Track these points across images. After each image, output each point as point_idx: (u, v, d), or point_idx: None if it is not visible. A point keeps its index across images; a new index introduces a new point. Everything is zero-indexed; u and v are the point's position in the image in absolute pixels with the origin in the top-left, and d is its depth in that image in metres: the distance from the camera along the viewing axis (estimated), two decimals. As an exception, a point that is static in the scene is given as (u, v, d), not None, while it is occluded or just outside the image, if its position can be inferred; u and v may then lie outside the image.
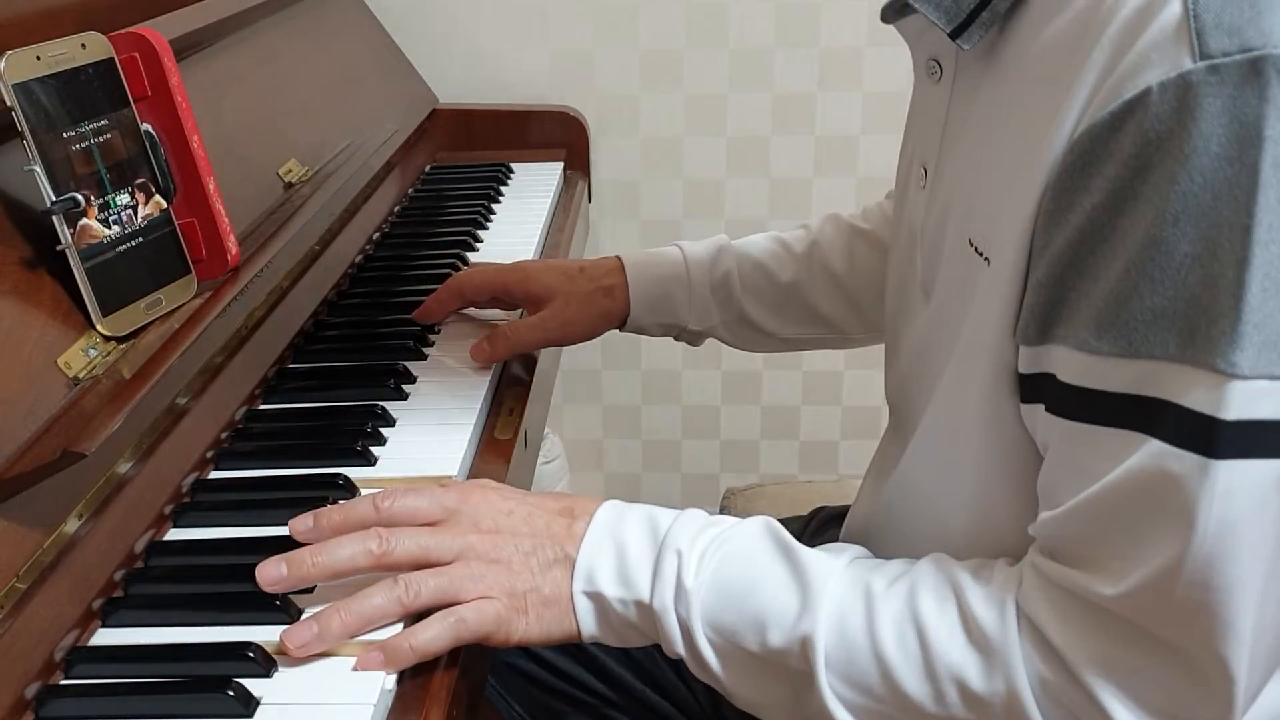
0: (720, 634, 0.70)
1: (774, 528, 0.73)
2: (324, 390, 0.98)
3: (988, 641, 0.65)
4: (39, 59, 0.76)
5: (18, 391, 0.70)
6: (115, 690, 0.66)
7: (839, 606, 0.68)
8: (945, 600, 0.67)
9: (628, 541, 0.72)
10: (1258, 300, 0.56)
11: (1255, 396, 0.56)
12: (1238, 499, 0.57)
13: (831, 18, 1.71)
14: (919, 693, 0.66)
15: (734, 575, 0.70)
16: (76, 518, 0.72)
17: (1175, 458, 0.58)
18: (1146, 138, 0.57)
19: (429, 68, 1.66)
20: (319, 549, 0.70)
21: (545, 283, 1.06)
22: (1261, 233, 0.55)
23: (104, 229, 0.79)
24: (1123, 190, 0.59)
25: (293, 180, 1.10)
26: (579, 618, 0.72)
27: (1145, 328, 0.58)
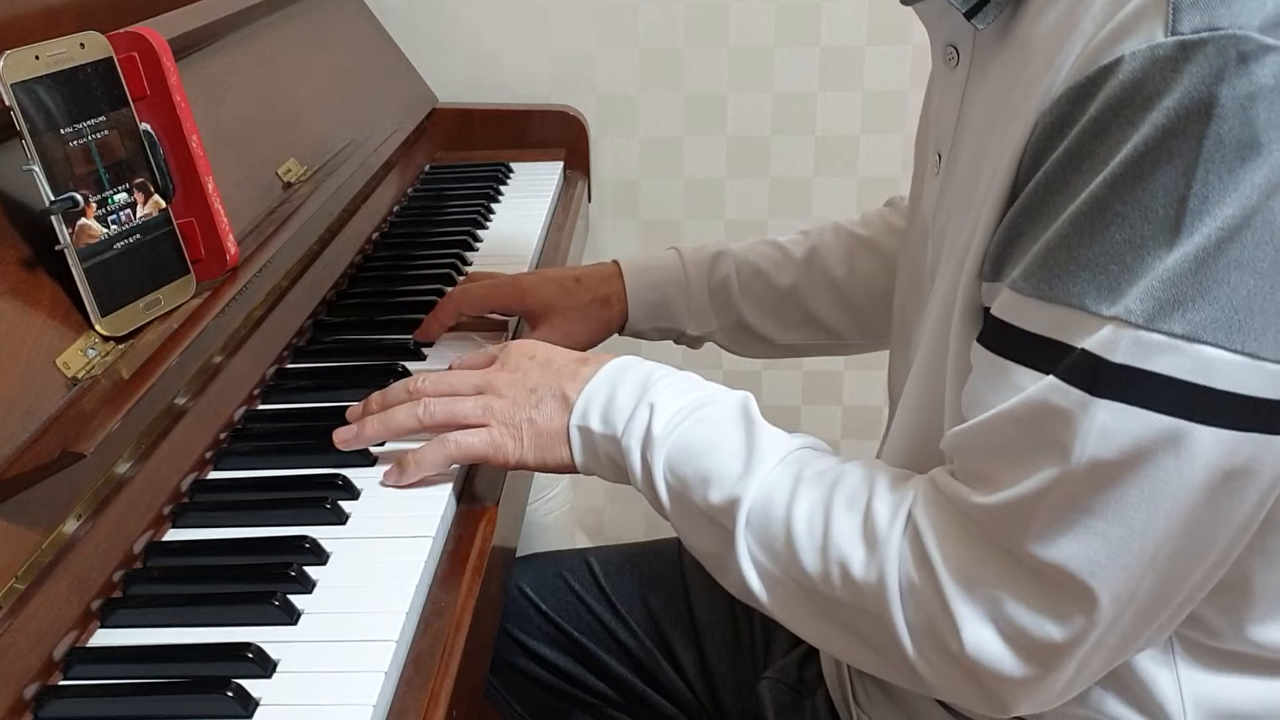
0: (677, 480, 0.77)
1: (748, 404, 0.79)
2: (323, 390, 0.98)
3: (875, 535, 0.69)
4: (38, 58, 0.76)
5: (16, 391, 0.70)
6: (114, 691, 0.66)
7: (770, 479, 0.74)
8: (857, 498, 0.72)
9: (619, 388, 0.80)
10: (1175, 262, 0.58)
11: (1147, 348, 0.59)
12: (1114, 440, 0.60)
13: (831, 18, 1.71)
14: (812, 569, 0.71)
15: (699, 435, 0.77)
16: (75, 518, 0.72)
17: (1061, 391, 0.61)
18: (1109, 102, 0.60)
19: (429, 67, 1.66)
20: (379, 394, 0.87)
21: (543, 298, 1.07)
22: (1194, 203, 0.58)
23: (103, 229, 0.79)
24: (1080, 148, 0.62)
25: (292, 180, 1.10)
26: (572, 448, 0.81)
27: (1068, 275, 0.61)
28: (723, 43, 1.73)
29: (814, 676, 0.95)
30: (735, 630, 1.04)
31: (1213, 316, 0.58)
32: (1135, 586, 0.63)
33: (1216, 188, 0.58)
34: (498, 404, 0.82)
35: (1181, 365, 0.59)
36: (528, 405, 0.82)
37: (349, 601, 0.73)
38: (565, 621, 1.06)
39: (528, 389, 0.82)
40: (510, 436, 0.82)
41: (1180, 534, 0.62)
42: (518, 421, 0.82)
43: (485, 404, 0.82)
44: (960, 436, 0.68)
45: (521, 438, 0.81)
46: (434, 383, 0.85)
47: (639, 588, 1.07)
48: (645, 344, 1.16)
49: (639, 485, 0.79)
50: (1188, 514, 0.61)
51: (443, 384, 0.85)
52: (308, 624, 0.71)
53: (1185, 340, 0.59)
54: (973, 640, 0.65)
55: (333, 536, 0.78)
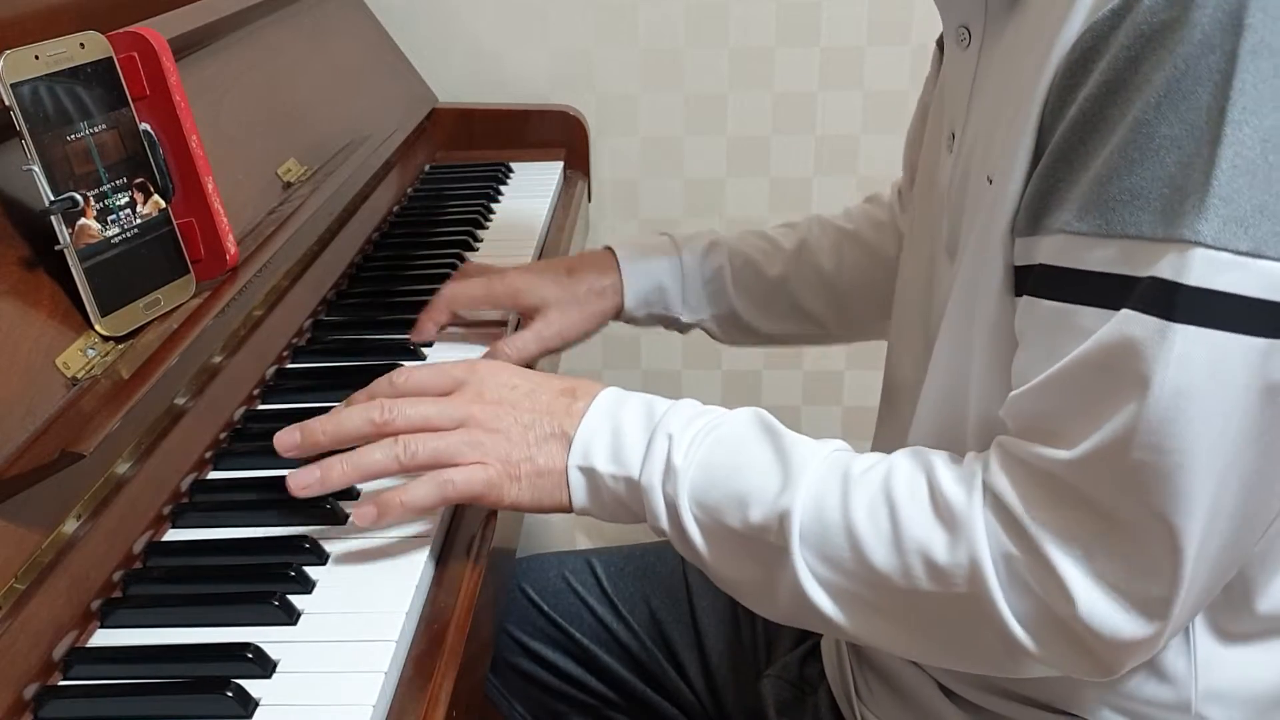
0: (705, 511, 0.73)
1: (763, 416, 0.76)
2: (323, 391, 0.98)
3: (953, 515, 0.67)
4: (37, 58, 0.76)
5: (16, 392, 0.69)
6: (114, 691, 0.66)
7: (817, 485, 0.70)
8: (917, 480, 0.69)
9: (624, 423, 0.76)
10: (1226, 176, 0.59)
11: (1216, 267, 0.59)
12: (1192, 365, 0.59)
13: (831, 17, 1.71)
14: (887, 566, 0.68)
15: (722, 457, 0.73)
16: (75, 518, 0.72)
17: (1137, 322, 0.60)
18: (1139, 30, 0.60)
19: (429, 67, 1.66)
20: (329, 418, 0.77)
21: (538, 295, 1.05)
22: (1235, 113, 0.59)
23: (102, 229, 0.78)
24: (1114, 81, 0.62)
25: (291, 180, 1.10)
26: (571, 490, 0.76)
27: (1123, 207, 0.61)
28: (723, 43, 1.73)
29: (815, 674, 0.95)
30: (737, 630, 1.04)
31: (1272, 230, 0.58)
32: (1218, 516, 0.62)
33: (1254, 98, 0.58)
34: (491, 441, 0.76)
35: (1250, 282, 0.59)
36: (525, 444, 0.76)
37: (349, 601, 0.73)
38: (567, 623, 1.06)
39: (522, 425, 0.77)
40: (508, 476, 0.76)
41: (1252, 453, 0.61)
42: (516, 460, 0.76)
43: (474, 440, 0.76)
44: (1026, 399, 0.66)
45: (520, 478, 0.76)
46: (407, 416, 0.76)
47: (641, 589, 1.07)
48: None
49: (661, 525, 0.75)
50: (1257, 431, 0.61)
51: (417, 416, 0.76)
52: (308, 624, 0.71)
53: (1250, 256, 0.59)
54: (1085, 602, 0.63)
55: (333, 536, 0.78)
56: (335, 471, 0.76)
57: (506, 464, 0.76)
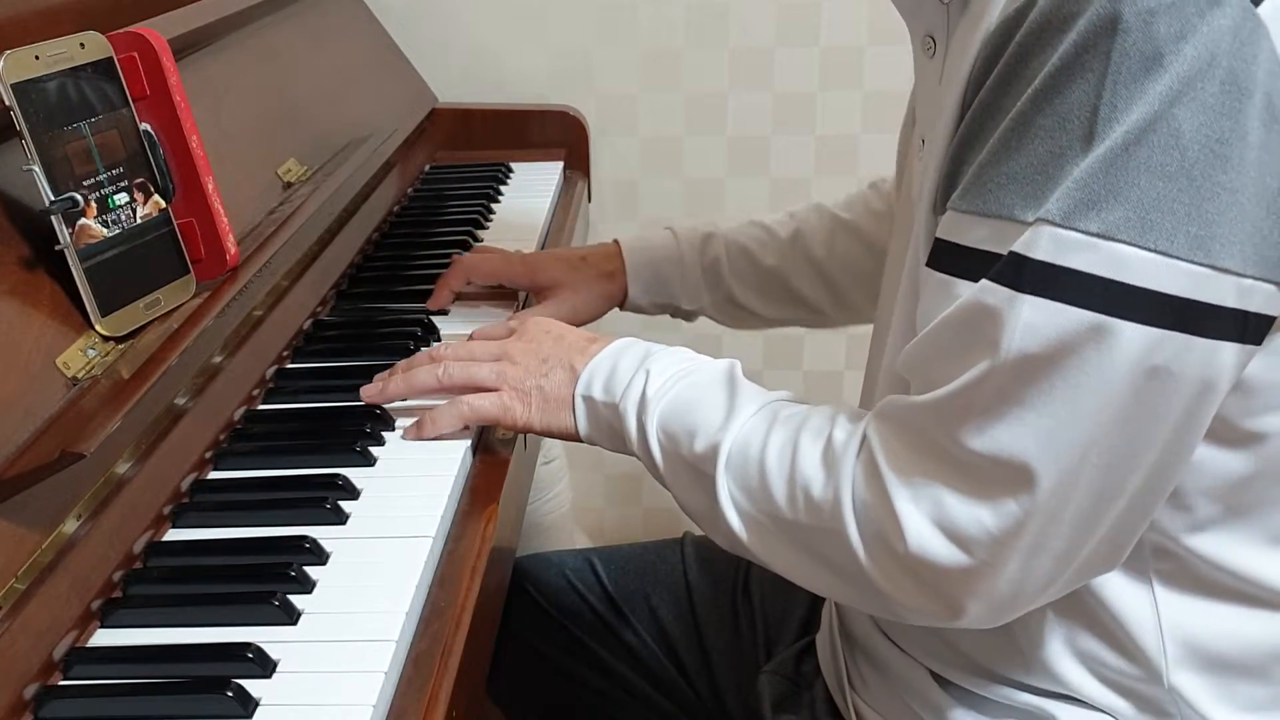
0: (668, 438, 0.82)
1: (734, 367, 0.84)
2: (323, 390, 0.98)
3: (833, 457, 0.73)
4: (38, 58, 0.76)
5: (16, 392, 0.69)
6: (114, 691, 0.66)
7: (748, 424, 0.78)
8: (821, 429, 0.76)
9: (621, 361, 0.86)
10: (1088, 164, 0.62)
11: (1065, 245, 0.63)
12: (1038, 334, 0.64)
13: (831, 18, 1.71)
14: (780, 497, 0.75)
15: (687, 395, 0.82)
16: (75, 518, 0.72)
17: (990, 291, 0.65)
18: (1031, 28, 0.65)
19: (429, 67, 1.66)
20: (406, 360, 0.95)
21: (552, 274, 1.14)
22: (1105, 110, 0.62)
23: (103, 229, 0.79)
24: (1007, 73, 0.67)
25: (292, 180, 1.10)
26: (576, 416, 0.86)
27: (998, 189, 0.66)
28: (723, 43, 1.73)
29: (812, 669, 0.95)
30: (736, 627, 1.04)
31: (1124, 216, 0.62)
32: (1071, 482, 0.65)
33: (1124, 96, 0.62)
34: (511, 370, 0.88)
35: (1097, 261, 0.63)
36: (538, 374, 0.87)
37: (349, 601, 0.73)
38: (568, 621, 1.06)
39: (539, 358, 0.88)
40: (519, 401, 0.87)
41: (1112, 432, 0.65)
42: (528, 388, 0.87)
43: (500, 370, 0.88)
44: (907, 353, 0.72)
45: (530, 403, 0.87)
46: (455, 349, 0.92)
47: (641, 587, 1.07)
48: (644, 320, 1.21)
49: (634, 448, 0.84)
50: (1116, 411, 0.64)
51: (463, 350, 0.91)
52: (308, 624, 0.71)
53: (1100, 238, 0.62)
54: (914, 536, 0.68)
55: (333, 536, 0.78)
56: (391, 386, 0.91)
57: (519, 390, 0.87)
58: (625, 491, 1.94)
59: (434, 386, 0.90)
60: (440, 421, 0.88)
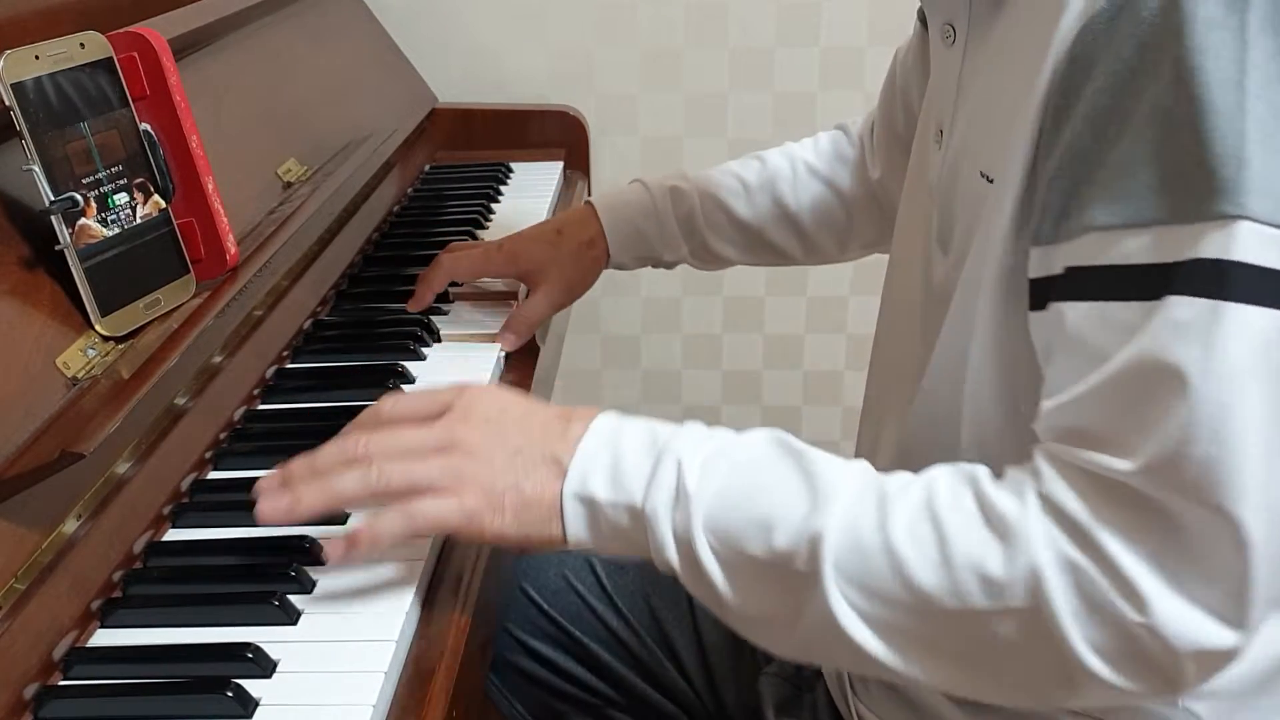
0: (721, 539, 0.67)
1: (782, 436, 0.71)
2: (323, 390, 0.98)
3: (1006, 525, 0.62)
4: (38, 58, 0.76)
5: (16, 391, 0.69)
6: (114, 691, 0.66)
7: (850, 506, 0.65)
8: (961, 493, 0.65)
9: (624, 448, 0.70)
10: (1256, 150, 0.57)
11: (1264, 241, 0.57)
12: (1247, 345, 0.57)
13: (831, 18, 1.71)
14: (935, 586, 0.63)
15: (740, 480, 0.68)
16: (75, 518, 0.72)
17: (1185, 305, 0.58)
18: (1140, 19, 0.60)
19: (429, 67, 1.66)
20: (306, 456, 0.72)
21: (534, 258, 1.12)
22: (1253, 87, 0.57)
23: (103, 229, 0.79)
24: (1123, 72, 0.60)
25: (292, 180, 1.10)
26: (566, 522, 0.70)
27: (1153, 195, 0.59)
28: (723, 43, 1.73)
29: (813, 671, 0.95)
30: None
31: None
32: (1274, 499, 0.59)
33: (1265, 71, 0.57)
34: (472, 467, 0.70)
35: None
36: (511, 470, 0.70)
37: (349, 601, 0.73)
38: (567, 621, 1.06)
39: (508, 449, 0.70)
40: (488, 506, 0.69)
41: None
42: (499, 489, 0.69)
43: (453, 466, 0.70)
44: (1070, 411, 0.63)
45: (503, 508, 0.69)
46: (382, 445, 0.71)
47: (641, 587, 1.07)
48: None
49: (667, 556, 0.68)
50: None
51: (393, 444, 0.71)
52: (308, 624, 0.71)
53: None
54: (1160, 606, 0.59)
55: (333, 536, 0.78)
56: (305, 499, 0.69)
57: (489, 493, 0.69)
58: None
59: (362, 496, 0.69)
60: (383, 535, 0.69)
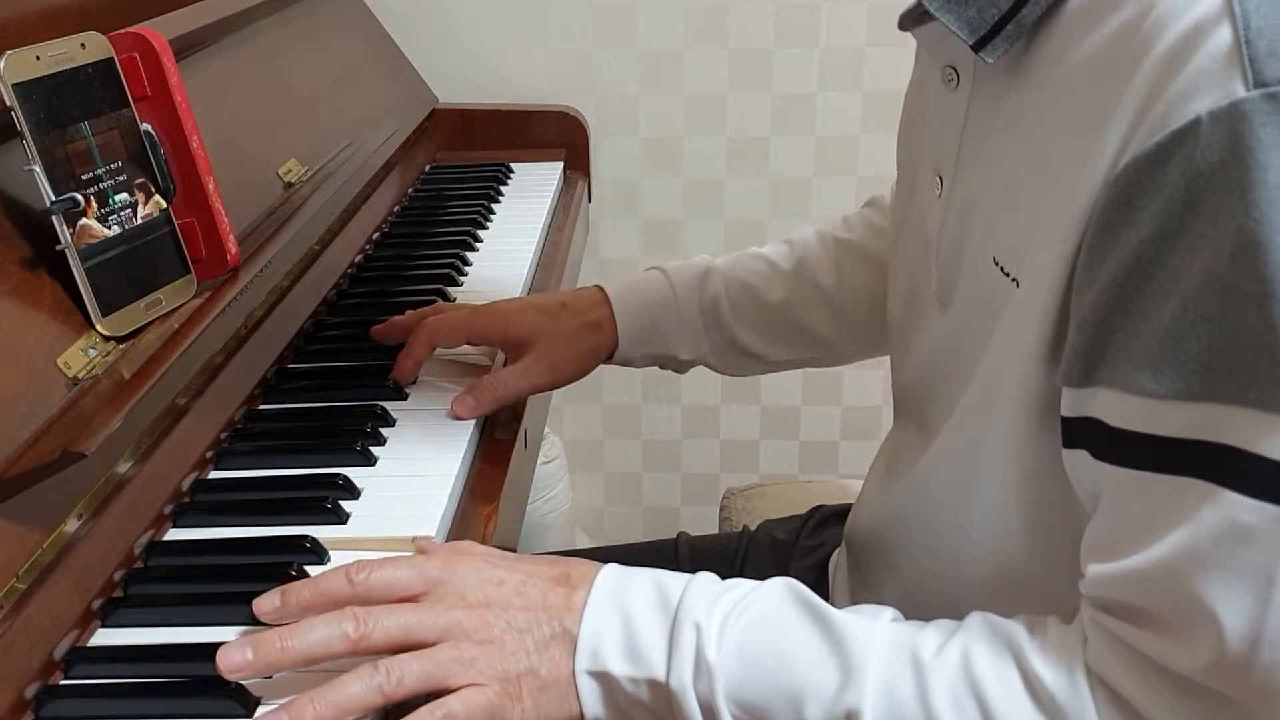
0: (748, 711, 0.64)
1: (798, 589, 0.68)
2: (324, 390, 0.98)
3: (1057, 706, 0.60)
4: (39, 59, 0.76)
5: (17, 391, 0.70)
6: (115, 691, 0.66)
7: (886, 676, 0.63)
8: (1004, 663, 0.62)
9: (635, 613, 0.66)
10: None
11: None
12: None
13: (831, 18, 1.71)
14: None
15: (761, 646, 0.65)
16: (76, 518, 0.72)
17: (1251, 509, 0.54)
18: (1197, 169, 0.54)
19: (429, 68, 1.66)
20: (288, 632, 0.64)
21: (526, 324, 0.98)
22: None
23: (103, 229, 0.79)
24: (1172, 225, 0.56)
25: (292, 180, 1.10)
26: (582, 699, 0.66)
27: (1204, 369, 0.55)
28: (723, 43, 1.73)
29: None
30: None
31: None
32: None
33: None
34: (484, 654, 0.65)
35: None
36: (523, 652, 0.66)
37: (349, 601, 0.73)
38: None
39: (517, 630, 0.66)
40: (508, 695, 0.65)
41: None
42: (514, 675, 0.65)
43: (466, 657, 0.64)
44: (1123, 582, 0.60)
45: (520, 695, 0.65)
46: (383, 628, 0.64)
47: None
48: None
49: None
50: None
51: (394, 629, 0.65)
52: (308, 623, 0.71)
53: None
54: None
55: (333, 536, 0.78)
56: (308, 714, 0.61)
57: (505, 682, 0.65)
58: (625, 491, 1.94)
59: (379, 703, 0.63)
60: None
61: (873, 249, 1.04)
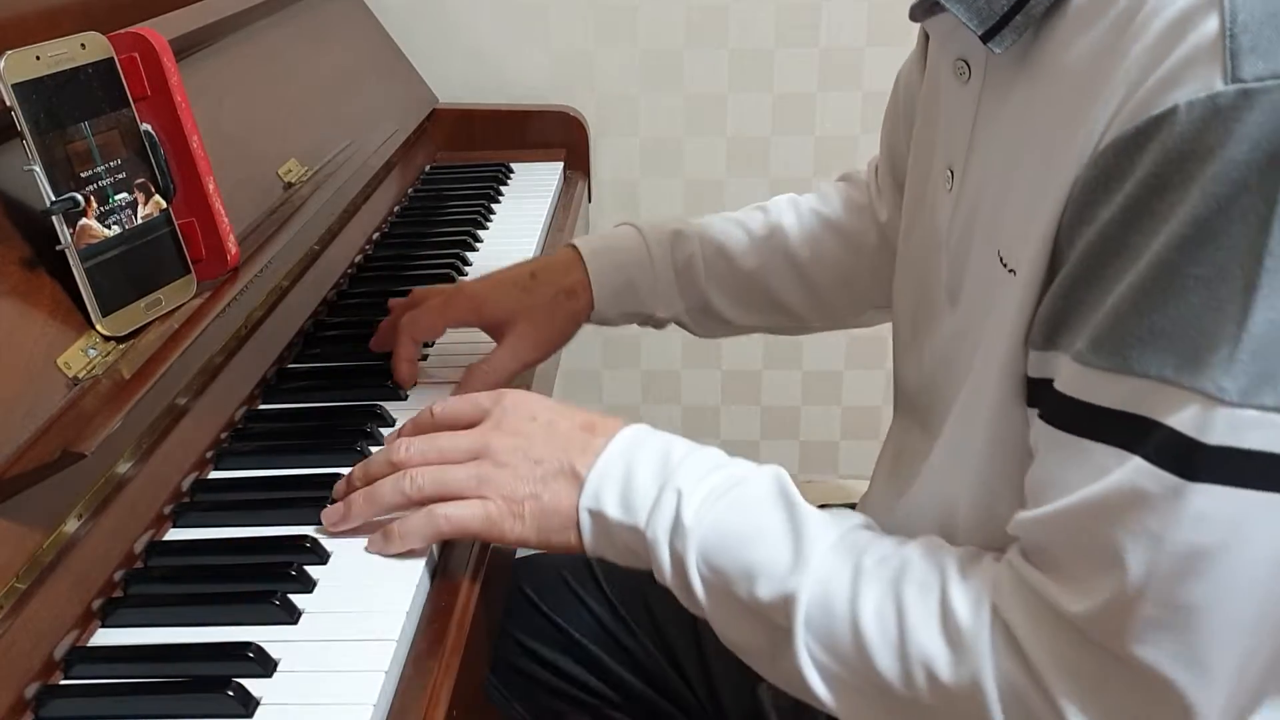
0: (713, 573, 0.71)
1: (783, 481, 0.74)
2: (323, 390, 0.98)
3: (960, 634, 0.65)
4: (39, 59, 0.76)
5: (17, 391, 0.70)
6: (115, 690, 0.66)
7: (828, 572, 0.69)
8: (929, 588, 0.67)
9: (637, 468, 0.74)
10: (1260, 329, 0.55)
11: (1242, 425, 0.55)
12: (1211, 525, 0.56)
13: (831, 18, 1.71)
14: (889, 671, 0.66)
15: (735, 521, 0.71)
16: (76, 518, 0.72)
17: (1152, 476, 0.57)
18: (1168, 156, 0.56)
19: (429, 68, 1.66)
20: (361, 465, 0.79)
21: (502, 305, 0.99)
22: (1271, 261, 0.54)
23: (103, 229, 0.79)
24: (1138, 207, 0.58)
25: (292, 180, 1.10)
26: (582, 532, 0.74)
27: (1142, 345, 0.57)
28: (723, 43, 1.73)
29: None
30: (736, 630, 1.03)
31: None
32: (1241, 674, 0.59)
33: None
34: (497, 474, 0.75)
35: (1276, 438, 0.55)
36: (532, 479, 0.74)
37: (349, 601, 0.73)
38: (566, 623, 1.06)
39: (531, 459, 0.75)
40: (509, 512, 0.74)
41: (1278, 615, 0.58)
42: (520, 496, 0.74)
43: (480, 474, 0.75)
44: (1037, 527, 0.64)
45: (523, 514, 0.74)
46: (421, 450, 0.77)
47: (640, 589, 1.07)
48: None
49: (665, 579, 0.73)
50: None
51: (431, 450, 0.77)
52: (308, 624, 0.71)
53: (1278, 413, 0.55)
54: None
55: (333, 536, 0.78)
56: (355, 507, 0.77)
57: (509, 500, 0.74)
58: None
59: (401, 503, 0.75)
60: (410, 535, 0.75)
61: (847, 226, 1.05)
